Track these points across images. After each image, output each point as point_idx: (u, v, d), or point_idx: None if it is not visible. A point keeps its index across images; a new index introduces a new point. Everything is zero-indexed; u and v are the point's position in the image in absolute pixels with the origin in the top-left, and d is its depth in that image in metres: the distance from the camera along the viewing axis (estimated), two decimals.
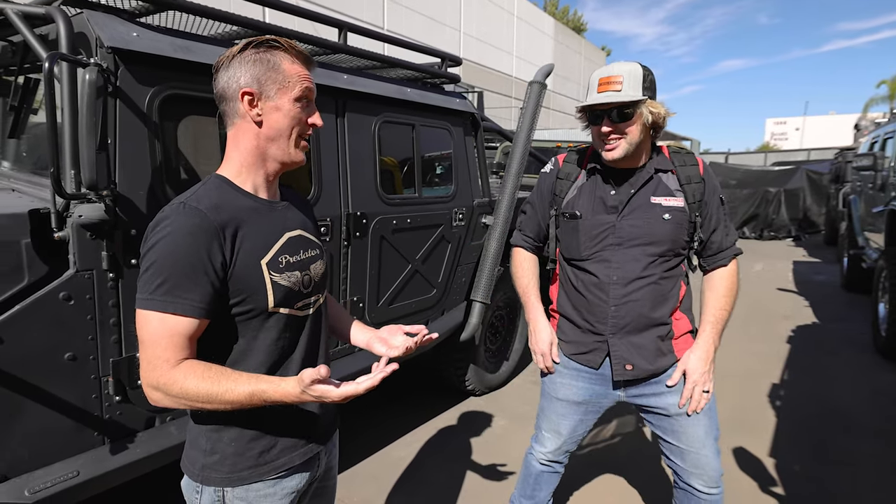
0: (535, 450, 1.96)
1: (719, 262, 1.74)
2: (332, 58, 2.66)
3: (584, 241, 1.70)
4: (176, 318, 0.97)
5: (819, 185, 13.39)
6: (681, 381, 1.71)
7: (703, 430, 1.70)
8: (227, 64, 1.05)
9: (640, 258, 1.65)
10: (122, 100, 1.71)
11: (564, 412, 1.85)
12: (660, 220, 1.64)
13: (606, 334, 1.70)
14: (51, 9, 1.60)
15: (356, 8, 13.36)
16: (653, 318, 1.68)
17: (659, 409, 1.74)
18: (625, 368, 1.70)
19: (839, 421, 3.53)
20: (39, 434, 1.61)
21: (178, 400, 0.97)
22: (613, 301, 1.68)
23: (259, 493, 1.11)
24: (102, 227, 1.67)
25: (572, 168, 1.79)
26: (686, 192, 1.66)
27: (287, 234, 1.12)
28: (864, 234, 6.45)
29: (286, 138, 1.08)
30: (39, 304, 1.57)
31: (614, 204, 1.67)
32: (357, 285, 2.65)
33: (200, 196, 1.03)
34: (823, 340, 5.21)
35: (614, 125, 1.56)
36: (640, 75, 1.55)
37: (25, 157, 2.16)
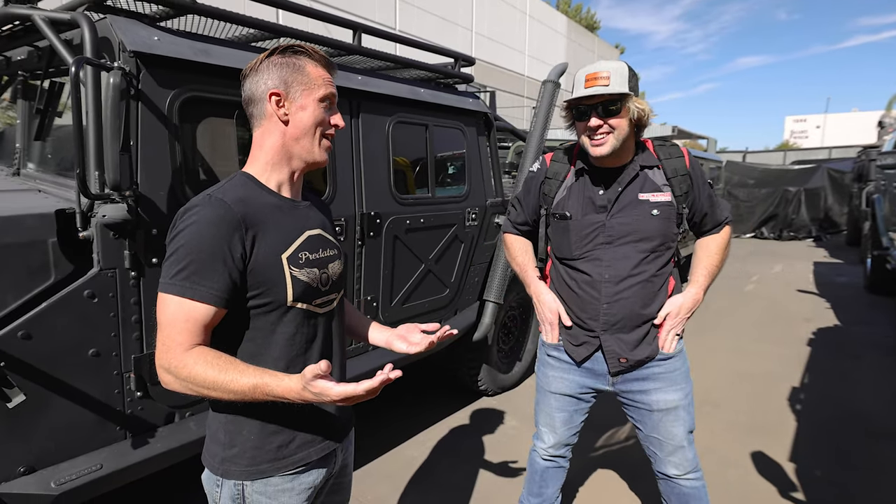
0: (537, 446, 2.02)
1: (713, 231, 1.84)
2: (346, 59, 2.71)
3: (575, 241, 1.75)
4: (193, 304, 1.01)
5: (841, 184, 13.22)
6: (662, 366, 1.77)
7: (681, 426, 1.80)
8: (255, 69, 1.12)
9: (630, 255, 1.70)
10: (144, 102, 1.78)
11: (557, 405, 1.91)
12: (648, 216, 1.69)
13: (598, 331, 1.76)
14: (76, 14, 1.66)
15: (368, 9, 13.47)
16: (643, 314, 1.74)
17: (643, 404, 1.81)
18: (619, 361, 1.77)
19: (861, 425, 3.49)
20: (65, 428, 1.68)
21: (186, 384, 1.01)
22: (605, 299, 1.72)
23: (277, 488, 1.14)
24: (125, 227, 1.73)
25: (560, 167, 1.82)
26: (673, 185, 1.71)
27: (307, 233, 1.17)
28: (889, 234, 6.37)
29: (311, 137, 1.14)
30: (65, 302, 1.64)
31: (603, 203, 1.71)
32: (371, 285, 2.71)
33: (226, 190, 1.09)
34: (845, 343, 5.15)
35: (602, 119, 1.60)
36: (625, 73, 1.60)
37: (50, 158, 2.25)
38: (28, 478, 1.61)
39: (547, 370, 1.92)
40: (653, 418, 1.81)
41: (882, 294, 6.98)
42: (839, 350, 4.95)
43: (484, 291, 3.41)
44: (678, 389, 1.79)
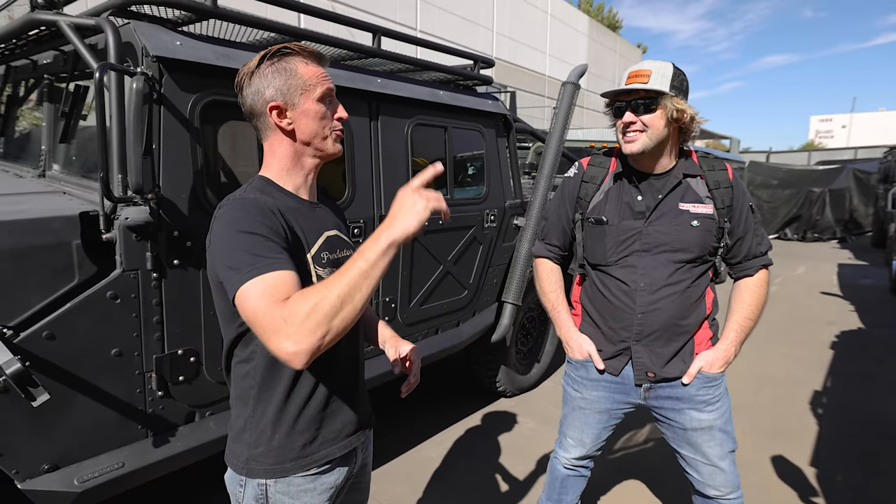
0: (560, 455, 1.95)
1: (747, 270, 1.71)
2: (365, 62, 2.69)
3: (611, 247, 1.68)
4: (273, 275, 0.92)
5: (866, 185, 12.84)
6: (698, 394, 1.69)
7: (718, 445, 1.69)
8: (247, 82, 1.09)
9: (667, 265, 1.62)
10: (167, 106, 1.77)
11: (587, 420, 1.84)
12: (688, 226, 1.61)
13: (630, 341, 1.68)
14: (100, 20, 1.66)
15: (389, 9, 13.47)
16: (680, 325, 1.66)
17: (675, 422, 1.73)
18: (646, 375, 1.69)
19: (884, 429, 3.39)
20: (87, 426, 1.69)
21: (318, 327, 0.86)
22: (640, 308, 1.65)
23: (300, 488, 1.13)
24: (147, 229, 1.73)
25: (597, 171, 1.75)
26: (715, 197, 1.63)
27: (326, 233, 1.17)
28: None
29: (320, 136, 1.13)
30: (88, 303, 1.65)
31: (641, 209, 1.64)
32: (389, 286, 2.68)
33: (248, 191, 1.09)
34: (869, 346, 5.00)
35: (637, 116, 1.54)
36: (669, 73, 1.54)
37: (75, 160, 2.27)
38: (52, 475, 1.62)
39: (574, 386, 1.85)
40: (687, 437, 1.72)
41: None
42: (862, 353, 4.82)
43: (502, 293, 3.37)
44: (714, 409, 1.69)
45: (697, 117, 1.59)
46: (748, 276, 1.72)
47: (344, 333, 0.90)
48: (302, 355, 0.86)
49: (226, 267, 0.96)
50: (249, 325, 0.92)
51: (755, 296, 1.71)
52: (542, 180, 3.15)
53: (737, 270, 1.73)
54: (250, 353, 1.10)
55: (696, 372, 1.66)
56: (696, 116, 1.58)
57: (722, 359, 1.67)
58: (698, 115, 1.58)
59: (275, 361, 1.08)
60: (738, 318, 1.70)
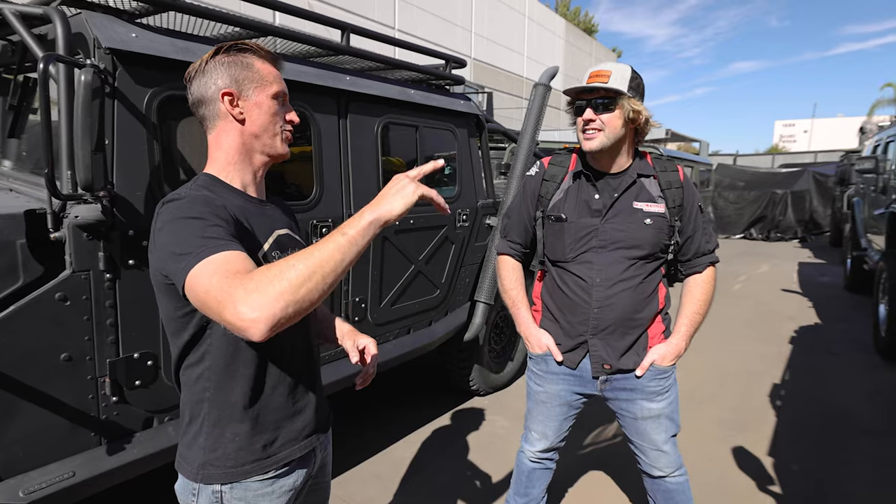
0: (525, 448, 1.97)
1: (696, 267, 1.77)
2: (334, 59, 2.60)
3: (569, 244, 1.71)
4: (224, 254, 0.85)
5: (825, 188, 13.16)
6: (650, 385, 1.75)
7: (664, 431, 1.78)
8: (201, 70, 1.05)
9: (621, 261, 1.67)
10: (121, 101, 1.67)
11: (549, 413, 1.88)
12: (642, 224, 1.66)
13: (587, 335, 1.73)
14: (48, 9, 1.55)
15: (367, 8, 13.29)
16: (634, 319, 1.70)
17: (628, 412, 1.79)
18: (602, 367, 1.74)
19: (839, 420, 3.46)
20: (35, 434, 1.58)
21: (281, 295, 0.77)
22: (596, 303, 1.69)
23: (257, 493, 1.08)
24: (99, 228, 1.62)
25: (558, 170, 1.79)
26: (667, 197, 1.69)
27: (277, 232, 1.12)
28: (867, 236, 6.35)
29: (271, 133, 1.08)
30: (35, 305, 1.53)
31: (598, 207, 1.68)
32: (359, 286, 2.60)
33: (192, 188, 1.02)
34: (826, 341, 5.11)
35: (596, 115, 1.59)
36: (628, 75, 1.59)
37: (26, 156, 2.13)
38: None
39: (535, 380, 1.89)
40: (637, 425, 1.80)
41: (860, 293, 6.95)
42: (819, 348, 4.93)
43: (475, 292, 3.32)
44: (662, 399, 1.77)
45: (651, 120, 1.65)
46: (697, 272, 1.77)
47: (310, 307, 0.81)
48: (260, 323, 0.75)
49: (173, 255, 0.88)
50: (202, 308, 0.83)
51: (703, 292, 1.76)
52: (513, 180, 3.11)
53: (686, 268, 1.79)
54: (202, 355, 1.03)
55: (648, 364, 1.72)
56: (650, 119, 1.63)
57: (673, 352, 1.73)
58: (652, 117, 1.64)
59: (230, 361, 1.03)
60: (688, 313, 1.75)
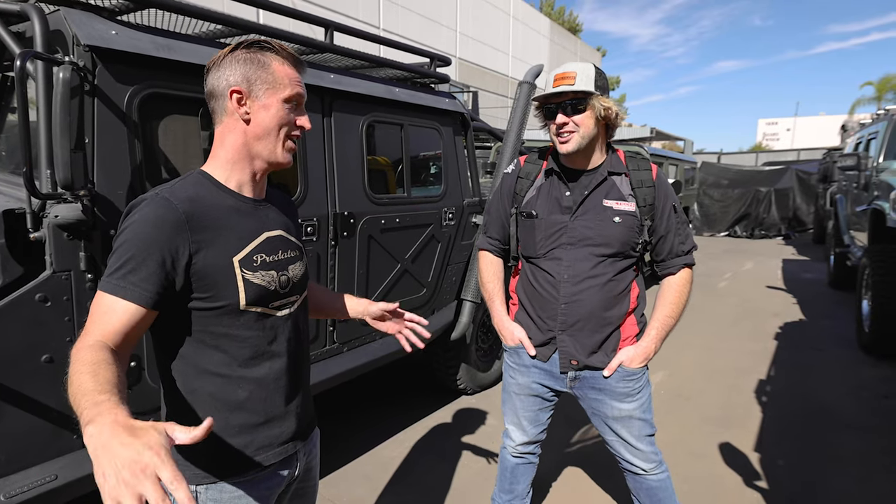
0: (506, 443, 2.00)
1: (670, 269, 1.76)
2: (318, 57, 2.60)
3: (540, 240, 1.73)
4: (124, 303, 0.93)
5: (808, 185, 13.38)
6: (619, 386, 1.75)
7: (636, 429, 1.79)
8: (218, 63, 1.05)
9: (590, 258, 1.68)
10: (101, 98, 1.65)
11: (521, 405, 1.90)
12: (611, 222, 1.67)
13: (556, 330, 1.74)
14: (26, 6, 1.54)
15: (351, 7, 13.26)
16: (603, 317, 1.71)
17: (598, 411, 1.81)
18: (570, 363, 1.76)
19: (824, 416, 3.51)
20: (16, 437, 1.56)
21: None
22: (563, 299, 1.71)
23: (233, 495, 1.07)
24: (80, 228, 1.61)
25: (532, 168, 1.81)
26: (637, 195, 1.69)
27: (266, 234, 1.10)
28: (850, 232, 6.44)
29: (273, 138, 1.06)
30: (15, 306, 1.52)
31: (568, 205, 1.70)
32: (345, 285, 2.60)
33: (176, 189, 1.02)
34: (810, 338, 5.19)
35: (568, 117, 1.60)
36: (592, 74, 1.61)
37: (4, 156, 2.11)
38: None
39: (509, 372, 1.91)
40: (608, 424, 1.82)
41: (843, 289, 7.07)
42: (805, 344, 5.00)
43: (462, 291, 3.33)
44: (632, 400, 1.76)
45: (620, 112, 1.66)
46: (671, 274, 1.76)
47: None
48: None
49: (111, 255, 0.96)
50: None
51: (677, 294, 1.75)
52: (498, 178, 3.12)
53: (661, 268, 1.78)
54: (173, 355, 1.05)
55: (616, 366, 1.73)
56: (619, 112, 1.65)
57: (642, 355, 1.73)
58: (621, 110, 1.66)
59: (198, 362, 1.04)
60: (659, 316, 1.75)
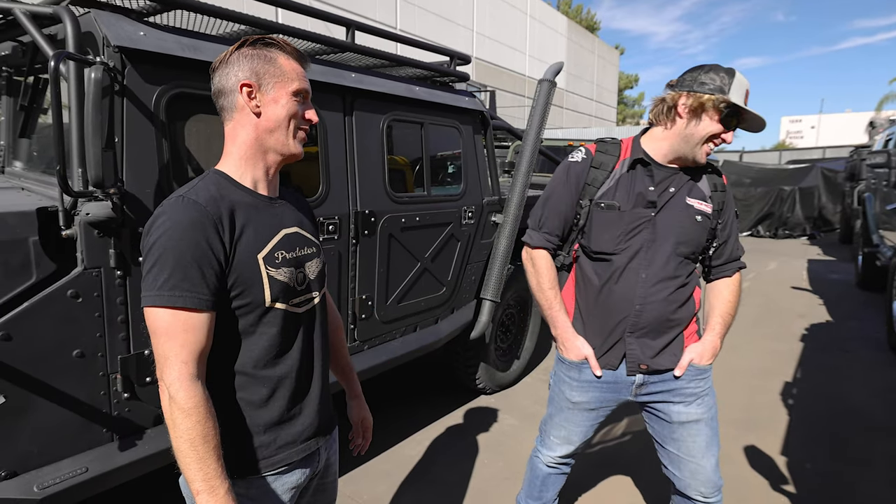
0: (543, 454, 1.91)
1: (725, 272, 1.76)
2: (340, 56, 2.62)
3: (619, 234, 1.64)
4: (188, 314, 0.95)
5: (834, 183, 13.09)
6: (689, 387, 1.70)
7: (704, 440, 1.69)
8: (225, 61, 1.07)
9: (670, 257, 1.63)
10: (129, 98, 1.69)
11: (576, 420, 1.80)
12: (693, 220, 1.64)
13: (625, 334, 1.66)
14: (58, 8, 1.58)
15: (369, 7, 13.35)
16: (672, 319, 1.66)
17: (664, 415, 1.72)
18: (639, 367, 1.68)
19: (852, 419, 3.44)
20: (48, 431, 1.60)
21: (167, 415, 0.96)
22: (639, 300, 1.63)
23: (260, 490, 1.10)
24: (110, 225, 1.65)
25: (607, 158, 1.70)
26: (714, 198, 1.68)
27: (283, 231, 1.12)
28: (879, 231, 6.29)
29: (285, 129, 1.08)
30: (47, 302, 1.56)
31: (653, 199, 1.63)
32: (366, 283, 2.62)
33: (199, 189, 1.03)
34: (838, 339, 5.08)
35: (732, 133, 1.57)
36: None
37: (36, 156, 2.16)
38: (9, 482, 1.53)
39: (565, 389, 1.79)
40: (673, 431, 1.71)
41: (872, 290, 6.90)
42: (832, 345, 4.90)
43: (481, 289, 3.33)
44: (702, 404, 1.69)
45: None
46: (727, 276, 1.76)
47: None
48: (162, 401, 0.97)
49: (147, 279, 0.96)
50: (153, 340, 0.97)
51: (733, 293, 1.75)
52: (519, 177, 3.12)
53: (717, 272, 1.77)
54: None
55: (687, 364, 1.67)
56: None
57: (710, 350, 1.69)
58: None
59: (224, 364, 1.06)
60: (720, 312, 1.74)
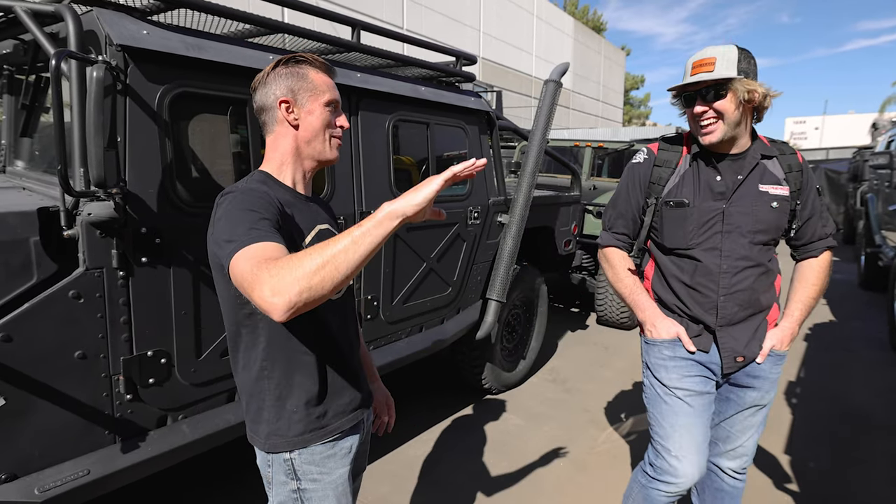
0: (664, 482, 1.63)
1: (811, 252, 1.69)
2: (345, 56, 2.57)
3: (692, 229, 1.61)
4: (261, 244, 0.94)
5: (837, 184, 12.94)
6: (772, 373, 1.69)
7: (759, 421, 1.73)
8: (263, 81, 1.17)
9: (748, 247, 1.58)
10: (132, 98, 1.65)
11: (694, 411, 1.62)
12: (768, 207, 1.58)
13: (714, 325, 1.63)
14: (60, 7, 1.54)
15: (375, 7, 13.28)
16: (760, 305, 1.63)
17: (737, 397, 1.71)
18: (735, 361, 1.64)
19: (855, 419, 3.40)
20: (49, 433, 1.56)
21: (297, 281, 0.85)
22: (723, 291, 1.60)
23: (323, 455, 1.19)
24: (112, 225, 1.61)
25: (671, 155, 1.68)
26: (789, 180, 1.61)
27: (319, 226, 1.22)
28: (882, 232, 6.22)
29: (321, 138, 1.19)
30: (48, 303, 1.52)
31: (721, 190, 1.59)
32: (371, 284, 2.57)
33: (250, 182, 1.14)
34: (840, 338, 5.02)
35: (708, 104, 1.51)
36: (734, 56, 1.49)
37: (38, 156, 2.12)
38: (10, 485, 1.49)
39: (662, 374, 1.66)
40: (739, 413, 1.71)
41: (875, 290, 6.83)
42: (835, 345, 4.84)
43: (487, 290, 3.28)
44: (770, 390, 1.70)
45: (771, 91, 1.53)
46: (812, 256, 1.69)
47: (325, 294, 0.87)
48: (279, 307, 0.85)
49: (224, 242, 0.98)
50: (240, 288, 0.92)
51: (820, 276, 1.68)
52: (525, 177, 3.06)
53: (801, 252, 1.71)
54: (258, 336, 1.14)
55: (768, 350, 1.64)
56: (769, 92, 1.52)
57: (789, 336, 1.66)
58: (771, 89, 1.52)
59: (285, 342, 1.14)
60: (801, 297, 1.68)
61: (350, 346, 1.29)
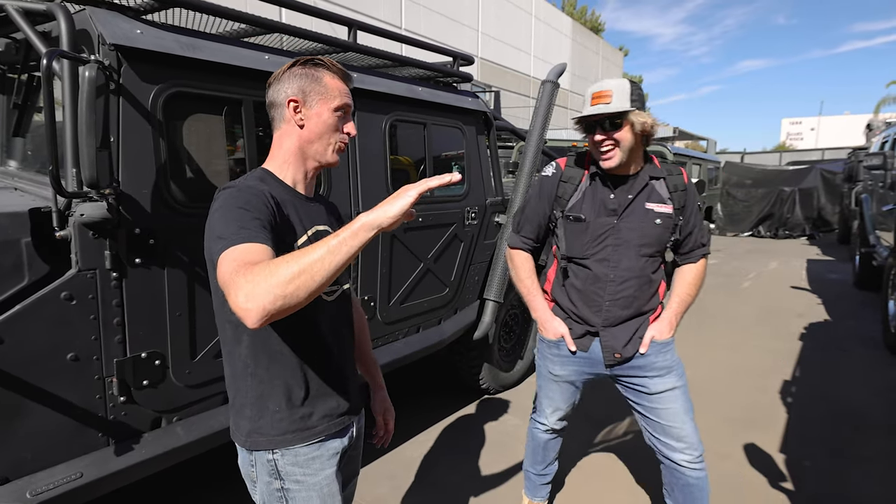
0: (539, 422, 2.13)
1: (691, 258, 1.90)
2: (342, 56, 2.54)
3: (587, 242, 1.79)
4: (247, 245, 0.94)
5: (833, 185, 12.95)
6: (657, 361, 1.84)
7: (681, 405, 1.83)
8: (278, 78, 1.18)
9: (634, 258, 1.77)
10: (125, 97, 1.62)
11: (560, 389, 2.02)
12: (653, 224, 1.77)
13: (598, 326, 1.83)
14: (52, 5, 1.51)
15: (373, 7, 13.21)
16: (641, 311, 1.83)
17: (640, 386, 1.86)
18: (614, 356, 1.84)
19: (850, 418, 3.38)
20: (42, 435, 1.54)
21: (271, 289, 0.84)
22: (608, 297, 1.79)
23: (307, 457, 1.16)
24: (105, 226, 1.58)
25: (575, 172, 1.85)
26: (674, 199, 1.80)
27: (316, 227, 1.20)
28: (876, 232, 6.22)
29: (324, 141, 1.18)
30: (40, 304, 1.49)
31: (614, 207, 1.77)
32: (368, 284, 2.55)
33: (247, 179, 1.14)
34: (836, 338, 5.00)
35: (606, 133, 1.68)
36: (627, 89, 1.66)
37: (31, 156, 2.09)
38: (1, 488, 1.46)
39: (548, 364, 1.99)
40: (651, 400, 1.85)
41: (869, 290, 6.83)
42: (830, 345, 4.82)
43: (484, 290, 3.25)
44: (673, 374, 1.84)
45: (656, 122, 1.74)
46: (692, 262, 1.91)
47: (300, 302, 0.87)
48: (253, 313, 0.84)
49: (215, 238, 0.98)
50: (222, 289, 0.91)
51: (695, 276, 1.90)
52: (522, 178, 3.04)
53: (683, 259, 1.92)
54: (240, 335, 1.12)
55: (649, 340, 1.82)
56: (655, 122, 1.72)
57: (667, 326, 1.84)
58: (657, 120, 1.73)
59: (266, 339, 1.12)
60: (680, 293, 1.89)
61: (341, 349, 1.26)
